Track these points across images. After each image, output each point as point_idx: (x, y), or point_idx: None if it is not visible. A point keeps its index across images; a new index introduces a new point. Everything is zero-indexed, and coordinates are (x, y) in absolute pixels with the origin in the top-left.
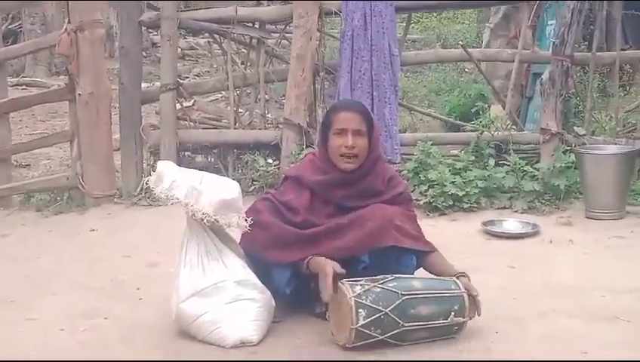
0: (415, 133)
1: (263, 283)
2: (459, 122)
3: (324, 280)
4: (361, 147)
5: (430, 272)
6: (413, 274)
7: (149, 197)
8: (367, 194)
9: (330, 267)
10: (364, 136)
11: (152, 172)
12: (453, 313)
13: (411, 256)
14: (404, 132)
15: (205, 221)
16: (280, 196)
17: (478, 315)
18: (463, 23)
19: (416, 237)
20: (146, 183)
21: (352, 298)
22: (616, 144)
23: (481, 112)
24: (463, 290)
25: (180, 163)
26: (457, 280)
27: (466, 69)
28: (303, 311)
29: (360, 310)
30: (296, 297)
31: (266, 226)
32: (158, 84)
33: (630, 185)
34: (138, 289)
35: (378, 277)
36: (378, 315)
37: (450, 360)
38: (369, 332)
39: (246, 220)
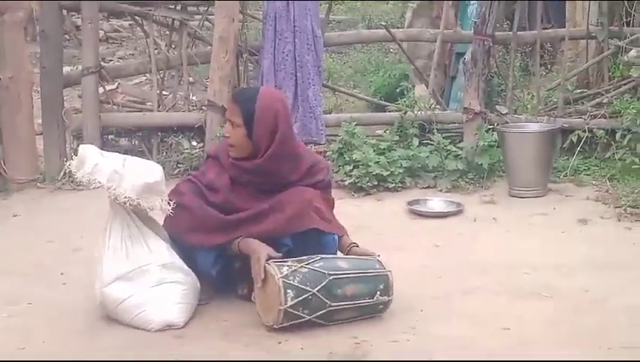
0: (340, 113)
1: (187, 265)
2: (383, 102)
3: (256, 264)
4: (235, 138)
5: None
6: (335, 254)
7: (72, 182)
8: (277, 185)
9: (264, 252)
10: (238, 127)
11: (73, 156)
12: (379, 292)
13: (333, 237)
14: (330, 113)
15: (128, 204)
16: (201, 176)
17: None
18: (388, 3)
19: (331, 220)
20: (68, 167)
21: (280, 279)
22: (538, 122)
23: (405, 92)
24: (388, 270)
25: (103, 146)
26: (380, 259)
27: (391, 50)
28: (229, 292)
29: (288, 291)
30: (222, 278)
31: (189, 209)
32: (80, 67)
33: (552, 163)
34: (62, 274)
35: (304, 257)
36: (306, 296)
37: None
38: (297, 312)
39: (169, 203)
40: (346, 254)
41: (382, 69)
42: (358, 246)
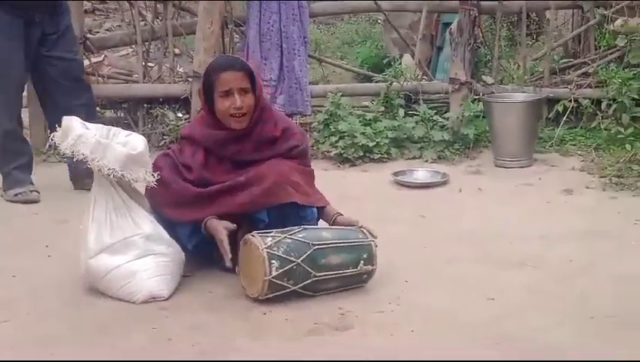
0: (327, 84)
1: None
2: (369, 73)
3: (221, 246)
4: (248, 104)
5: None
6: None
7: (57, 154)
8: (261, 143)
9: (222, 231)
10: (249, 92)
11: (58, 128)
12: (362, 261)
13: (312, 210)
14: (317, 84)
15: (112, 176)
16: (179, 154)
17: (375, 238)
18: None
19: (310, 193)
20: (52, 139)
21: (265, 249)
22: (523, 92)
23: (392, 63)
24: (371, 239)
25: None
26: (363, 230)
27: (378, 21)
28: (212, 265)
29: (273, 261)
30: (199, 252)
31: (166, 184)
32: None
33: (538, 133)
34: (47, 246)
35: (287, 228)
36: (290, 266)
37: None
38: (282, 282)
39: (153, 175)
40: (332, 224)
41: (369, 40)
42: (342, 216)
